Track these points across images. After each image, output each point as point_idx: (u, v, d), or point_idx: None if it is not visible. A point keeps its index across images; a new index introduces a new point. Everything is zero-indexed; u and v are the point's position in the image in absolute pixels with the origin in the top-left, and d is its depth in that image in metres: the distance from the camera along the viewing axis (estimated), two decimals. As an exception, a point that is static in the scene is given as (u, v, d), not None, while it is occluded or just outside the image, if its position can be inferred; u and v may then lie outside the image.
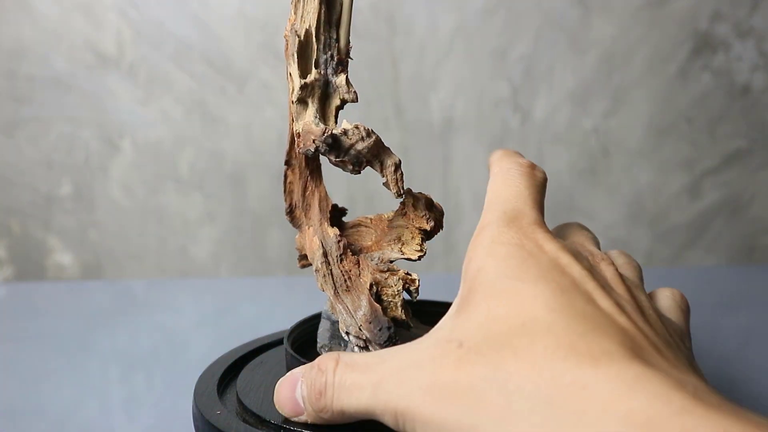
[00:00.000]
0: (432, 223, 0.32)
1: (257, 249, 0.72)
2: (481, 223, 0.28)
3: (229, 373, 0.35)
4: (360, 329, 0.30)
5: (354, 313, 0.31)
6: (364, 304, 0.31)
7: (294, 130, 0.32)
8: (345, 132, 0.30)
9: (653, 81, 0.70)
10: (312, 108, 0.32)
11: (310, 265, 0.36)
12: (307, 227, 0.34)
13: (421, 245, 0.32)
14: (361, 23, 0.68)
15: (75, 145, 0.70)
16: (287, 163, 0.34)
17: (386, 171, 0.31)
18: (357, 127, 0.30)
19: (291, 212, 0.35)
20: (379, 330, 0.30)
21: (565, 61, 0.69)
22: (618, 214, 0.72)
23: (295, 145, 0.32)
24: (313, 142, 0.30)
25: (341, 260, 0.32)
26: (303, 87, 0.31)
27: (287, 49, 0.32)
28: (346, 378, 0.25)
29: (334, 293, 0.31)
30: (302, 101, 0.32)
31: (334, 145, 0.30)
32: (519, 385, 0.21)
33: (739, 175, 0.71)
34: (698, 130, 0.71)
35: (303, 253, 0.35)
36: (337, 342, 0.33)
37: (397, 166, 0.31)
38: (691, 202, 0.72)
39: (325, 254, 0.32)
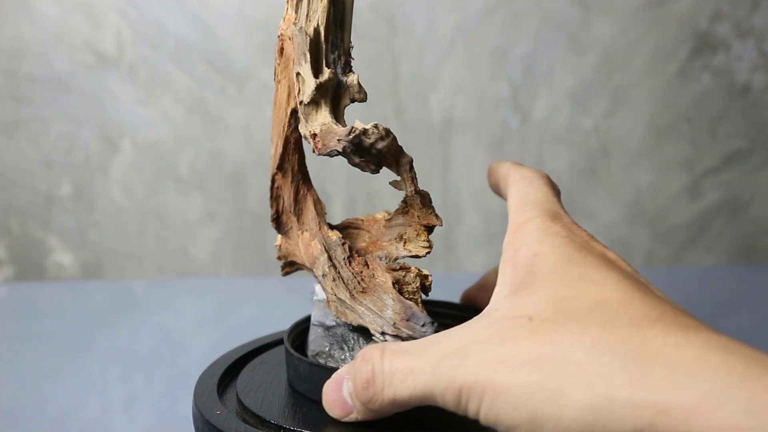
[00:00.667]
0: (441, 219, 0.32)
1: (257, 249, 0.72)
2: (518, 219, 0.29)
3: (229, 373, 0.35)
4: (395, 327, 0.30)
5: (381, 313, 0.30)
6: (390, 302, 0.30)
7: (306, 131, 0.31)
8: (365, 131, 0.30)
9: (653, 81, 0.70)
10: (326, 109, 0.31)
11: (295, 271, 0.35)
12: (300, 232, 0.33)
13: (428, 241, 0.32)
14: (361, 23, 0.68)
15: (75, 145, 0.70)
16: (280, 167, 0.33)
17: (402, 169, 0.31)
18: (376, 127, 0.30)
19: (278, 218, 0.34)
20: (422, 326, 0.30)
21: (565, 61, 0.69)
22: (618, 214, 0.72)
23: (312, 147, 0.30)
24: (339, 142, 0.30)
25: (349, 262, 0.32)
26: (318, 87, 0.31)
27: (283, 49, 0.32)
28: (397, 363, 0.25)
29: (350, 296, 0.31)
30: (315, 102, 0.31)
31: (358, 146, 0.30)
32: (606, 347, 0.21)
33: (739, 175, 0.71)
34: (698, 130, 0.71)
35: (289, 259, 0.35)
36: (338, 346, 0.32)
37: (411, 165, 0.31)
38: (691, 202, 0.72)
39: (330, 258, 0.32)
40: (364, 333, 0.32)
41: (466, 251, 0.72)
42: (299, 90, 0.31)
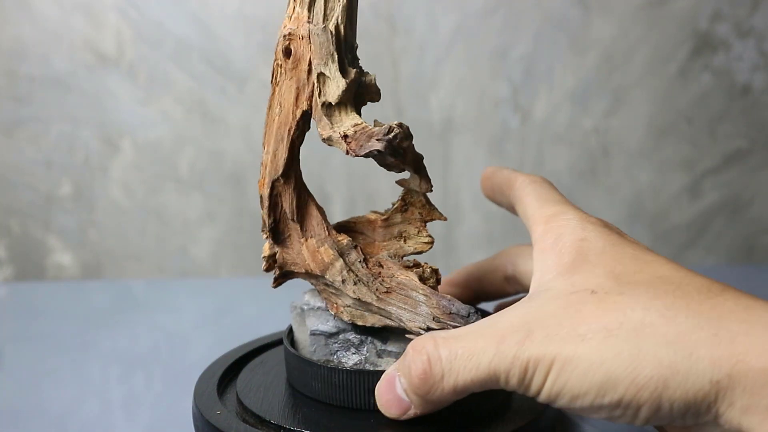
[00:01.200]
0: (444, 215, 0.33)
1: (257, 249, 0.72)
2: (546, 212, 0.30)
3: (229, 373, 0.35)
4: (438, 321, 0.30)
5: (415, 310, 0.30)
6: (422, 298, 0.30)
7: (333, 133, 0.30)
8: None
9: (653, 81, 0.70)
10: (351, 109, 0.30)
11: (287, 281, 0.34)
12: (303, 239, 0.32)
13: (430, 236, 0.33)
14: (361, 23, 0.68)
15: (75, 145, 0.70)
16: (285, 174, 0.32)
17: (420, 167, 0.31)
18: (400, 126, 0.30)
19: (275, 227, 0.32)
20: (467, 316, 0.30)
21: (565, 61, 0.69)
22: (618, 214, 0.72)
23: (345, 149, 0.29)
24: (378, 142, 0.29)
25: (366, 265, 0.31)
26: (347, 88, 0.30)
27: (290, 49, 0.31)
28: (456, 348, 0.25)
29: (377, 298, 0.31)
30: (342, 103, 0.30)
31: (393, 145, 0.29)
32: (681, 310, 0.22)
33: (739, 175, 0.71)
34: (698, 130, 0.71)
35: (286, 270, 0.33)
36: (347, 350, 0.32)
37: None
38: (691, 202, 0.72)
39: (346, 262, 0.31)
40: (374, 333, 0.32)
41: (466, 251, 0.72)
42: (320, 91, 0.30)
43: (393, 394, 0.27)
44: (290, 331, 0.35)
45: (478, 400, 0.31)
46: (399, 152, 0.30)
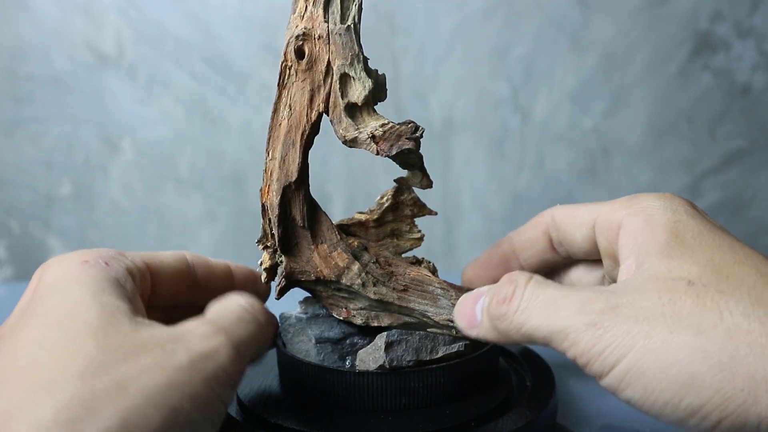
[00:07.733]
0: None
1: (257, 249, 0.72)
2: (618, 203, 0.28)
3: (229, 372, 0.35)
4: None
5: (436, 304, 0.30)
6: (440, 292, 0.30)
7: (359, 134, 0.29)
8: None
9: (653, 81, 0.70)
10: (374, 110, 0.30)
11: (291, 288, 0.33)
12: (313, 245, 0.31)
13: (419, 231, 0.33)
14: (362, 23, 0.68)
15: (75, 145, 0.70)
16: (298, 180, 0.30)
17: (422, 164, 0.31)
18: (412, 123, 0.30)
19: (285, 236, 0.31)
20: None
21: (565, 61, 0.69)
22: (618, 214, 0.72)
23: (375, 150, 0.29)
24: (407, 140, 0.29)
25: (379, 265, 0.31)
26: (374, 88, 0.29)
27: (303, 50, 0.30)
28: (539, 292, 0.24)
29: (398, 296, 0.30)
30: (366, 103, 0.30)
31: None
32: None
33: (739, 175, 0.71)
34: (698, 130, 0.71)
35: (294, 278, 0.32)
36: (352, 354, 0.32)
37: None
38: (691, 202, 0.72)
39: (363, 265, 0.31)
40: (378, 334, 0.32)
41: (466, 251, 0.72)
42: (343, 92, 0.29)
43: (471, 307, 0.27)
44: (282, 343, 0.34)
45: (478, 400, 0.30)
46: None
